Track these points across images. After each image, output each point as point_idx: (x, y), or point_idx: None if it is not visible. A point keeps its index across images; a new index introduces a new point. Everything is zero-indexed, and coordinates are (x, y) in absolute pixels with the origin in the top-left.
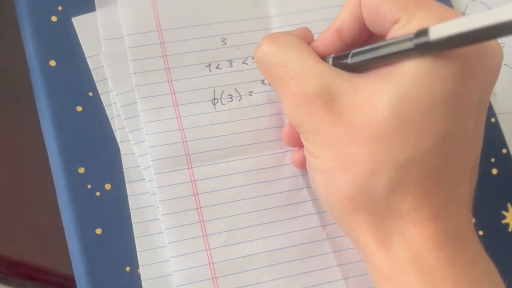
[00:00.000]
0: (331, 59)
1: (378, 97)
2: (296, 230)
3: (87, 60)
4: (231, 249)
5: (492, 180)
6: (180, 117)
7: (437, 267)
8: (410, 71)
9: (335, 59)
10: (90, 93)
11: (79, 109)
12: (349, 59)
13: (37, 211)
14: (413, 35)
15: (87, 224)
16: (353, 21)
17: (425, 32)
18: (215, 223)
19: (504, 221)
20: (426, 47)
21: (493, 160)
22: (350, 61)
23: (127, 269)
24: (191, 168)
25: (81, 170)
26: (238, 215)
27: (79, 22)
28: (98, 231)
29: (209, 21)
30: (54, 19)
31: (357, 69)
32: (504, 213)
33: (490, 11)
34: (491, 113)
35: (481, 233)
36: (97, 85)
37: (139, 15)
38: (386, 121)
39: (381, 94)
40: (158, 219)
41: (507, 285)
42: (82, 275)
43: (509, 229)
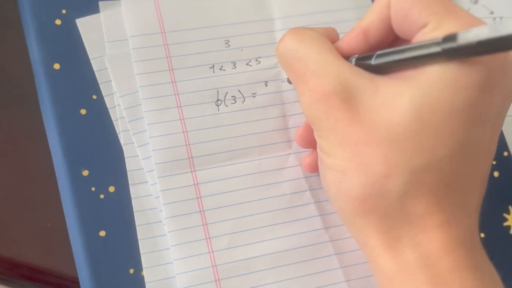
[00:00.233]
0: (354, 59)
1: (398, 100)
2: (299, 232)
3: (91, 62)
4: (234, 252)
5: (493, 182)
6: (183, 119)
7: (446, 271)
8: (434, 76)
9: (359, 59)
10: (94, 96)
11: (83, 112)
12: (373, 60)
13: (41, 213)
14: (440, 39)
15: (91, 226)
16: (380, 22)
17: (453, 37)
18: (218, 226)
19: (505, 224)
20: (453, 52)
21: (494, 162)
22: (374, 62)
23: (131, 271)
24: (194, 171)
25: (85, 172)
26: (241, 217)
27: (83, 23)
28: (102, 233)
29: (213, 23)
30: (58, 22)
31: (380, 70)
32: (505, 215)
33: None
34: None
35: (482, 235)
36: (101, 87)
37: (142, 17)
38: (404, 125)
39: (402, 96)
40: (161, 222)
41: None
42: (86, 277)
43: (511, 231)
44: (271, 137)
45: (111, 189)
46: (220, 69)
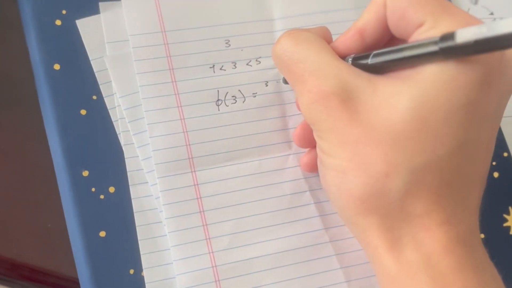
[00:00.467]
0: (350, 59)
1: (397, 99)
2: (298, 233)
3: (91, 62)
4: (234, 252)
5: (493, 183)
6: (184, 119)
7: (447, 271)
8: (432, 75)
9: (355, 59)
10: (94, 97)
11: (83, 112)
12: (370, 59)
13: (41, 214)
14: (438, 38)
15: (91, 227)
16: (376, 22)
17: (451, 36)
18: (218, 227)
19: (505, 224)
20: (451, 51)
21: (494, 163)
22: (370, 61)
23: (131, 271)
24: (194, 171)
25: (85, 173)
26: (241, 218)
27: (83, 24)
28: (102, 233)
29: (213, 23)
30: (58, 23)
31: (377, 70)
32: (505, 216)
33: None
34: None
35: (482, 236)
36: (101, 87)
37: (143, 16)
38: (404, 124)
39: (401, 96)
40: (161, 222)
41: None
42: (86, 277)
43: (510, 232)
44: (271, 138)
45: (111, 189)
46: (220, 69)
